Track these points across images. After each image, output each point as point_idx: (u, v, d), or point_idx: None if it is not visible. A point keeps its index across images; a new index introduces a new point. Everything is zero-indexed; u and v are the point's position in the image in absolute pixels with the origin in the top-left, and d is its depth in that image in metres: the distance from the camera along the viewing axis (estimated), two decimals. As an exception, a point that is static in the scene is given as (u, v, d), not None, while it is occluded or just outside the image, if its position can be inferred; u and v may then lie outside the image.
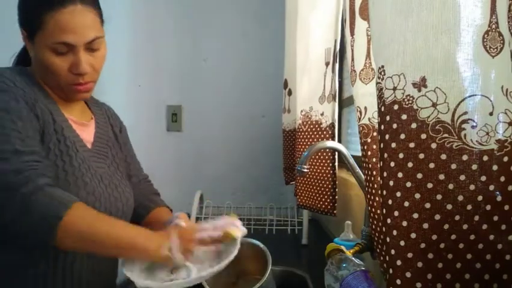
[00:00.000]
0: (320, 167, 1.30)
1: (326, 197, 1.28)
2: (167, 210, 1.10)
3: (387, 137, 0.56)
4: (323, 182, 1.29)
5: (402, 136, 0.54)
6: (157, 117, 2.18)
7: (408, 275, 0.54)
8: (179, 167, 2.17)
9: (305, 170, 1.03)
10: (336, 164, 1.28)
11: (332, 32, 1.27)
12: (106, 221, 0.82)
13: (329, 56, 1.28)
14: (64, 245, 0.78)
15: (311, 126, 1.37)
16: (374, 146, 0.86)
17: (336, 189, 1.27)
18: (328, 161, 1.27)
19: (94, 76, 0.91)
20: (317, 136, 1.33)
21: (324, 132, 1.30)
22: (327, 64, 1.30)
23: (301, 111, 1.42)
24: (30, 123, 0.81)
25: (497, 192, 0.53)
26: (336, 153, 1.30)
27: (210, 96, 2.15)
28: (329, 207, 1.28)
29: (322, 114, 1.32)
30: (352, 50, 0.92)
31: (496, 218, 0.53)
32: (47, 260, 0.85)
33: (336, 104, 1.27)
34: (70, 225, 0.74)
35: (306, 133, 1.39)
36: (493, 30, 0.53)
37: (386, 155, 0.56)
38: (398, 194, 0.54)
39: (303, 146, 1.40)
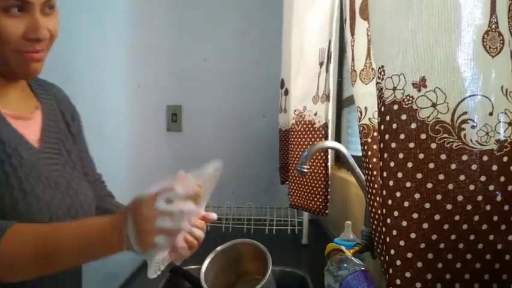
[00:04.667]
0: (313, 167, 1.30)
1: (318, 196, 1.28)
2: None
3: (387, 137, 0.55)
4: (316, 181, 1.29)
5: (402, 136, 0.54)
6: (157, 117, 2.18)
7: (408, 275, 0.53)
8: (179, 167, 2.16)
9: (305, 170, 1.03)
10: (330, 163, 1.28)
11: (326, 33, 1.27)
12: (50, 233, 0.66)
13: (323, 56, 1.28)
14: (8, 278, 0.64)
15: (304, 126, 1.37)
16: (375, 146, 0.86)
17: (329, 189, 1.27)
18: (321, 161, 1.27)
19: (49, 43, 0.76)
20: (310, 136, 1.33)
21: (318, 132, 1.30)
22: (321, 64, 1.30)
23: (295, 110, 1.42)
24: None
25: (497, 192, 0.53)
26: (329, 153, 1.30)
27: (210, 96, 2.15)
28: (321, 207, 1.28)
29: (315, 114, 1.32)
30: (352, 50, 0.92)
31: (495, 218, 0.53)
32: None
33: (330, 104, 1.28)
34: (6, 256, 0.61)
35: (299, 133, 1.39)
36: (493, 30, 0.53)
37: (385, 155, 0.56)
38: (398, 194, 0.54)
39: (296, 146, 1.40)
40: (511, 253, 0.53)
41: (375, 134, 0.86)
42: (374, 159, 0.85)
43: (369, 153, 0.87)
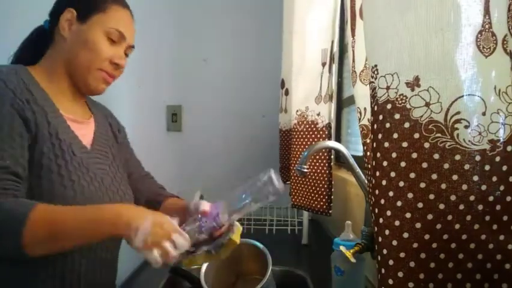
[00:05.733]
0: (316, 167, 1.30)
1: (321, 196, 1.28)
2: (178, 198, 1.09)
3: (379, 136, 0.56)
4: (319, 181, 1.29)
5: (395, 135, 0.54)
6: (157, 117, 2.18)
7: (400, 274, 0.53)
8: (179, 167, 2.17)
9: (305, 170, 1.02)
10: (332, 163, 1.28)
11: (329, 33, 1.26)
12: (71, 208, 0.75)
13: (326, 57, 1.28)
14: (33, 249, 0.71)
15: (307, 126, 1.36)
16: (374, 146, 0.86)
17: (332, 189, 1.27)
18: (324, 161, 1.27)
19: (118, 76, 0.95)
20: (313, 136, 1.33)
21: (321, 132, 1.30)
22: (323, 64, 1.30)
23: (297, 111, 1.42)
24: (11, 130, 0.77)
25: (498, 193, 0.53)
26: (332, 153, 1.30)
27: (210, 96, 2.15)
28: (324, 206, 1.28)
29: (318, 114, 1.32)
30: (353, 51, 0.91)
31: (487, 218, 0.53)
32: (46, 267, 0.81)
33: (333, 104, 1.27)
34: (34, 224, 0.69)
35: (302, 133, 1.38)
36: (486, 31, 0.53)
37: (378, 154, 0.56)
38: (391, 194, 0.54)
39: (298, 146, 1.40)
40: (503, 253, 0.53)
41: (373, 134, 0.86)
42: (373, 159, 0.85)
43: (369, 153, 0.87)
